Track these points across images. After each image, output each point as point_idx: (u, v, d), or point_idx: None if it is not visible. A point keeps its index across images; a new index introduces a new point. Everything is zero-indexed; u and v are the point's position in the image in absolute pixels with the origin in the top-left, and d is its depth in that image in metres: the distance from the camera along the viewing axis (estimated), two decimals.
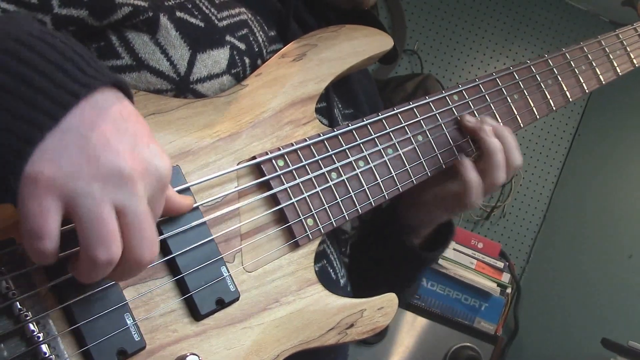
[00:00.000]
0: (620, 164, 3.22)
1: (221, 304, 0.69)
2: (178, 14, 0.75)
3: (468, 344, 2.58)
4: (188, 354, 0.65)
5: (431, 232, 1.01)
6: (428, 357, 2.56)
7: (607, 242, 3.12)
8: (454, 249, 2.72)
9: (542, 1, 3.36)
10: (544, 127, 3.35)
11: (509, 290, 2.80)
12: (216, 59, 0.78)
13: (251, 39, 0.83)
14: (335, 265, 0.90)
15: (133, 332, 0.62)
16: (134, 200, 0.54)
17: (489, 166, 0.90)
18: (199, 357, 0.65)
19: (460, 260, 2.71)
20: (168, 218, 0.67)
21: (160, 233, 0.67)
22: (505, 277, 2.76)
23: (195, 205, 0.70)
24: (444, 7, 3.26)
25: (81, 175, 0.51)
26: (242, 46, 0.81)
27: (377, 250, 1.01)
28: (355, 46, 0.91)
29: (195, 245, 0.69)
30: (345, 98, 1.00)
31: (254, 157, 0.76)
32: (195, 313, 0.68)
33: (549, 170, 3.35)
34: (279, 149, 0.78)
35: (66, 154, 0.51)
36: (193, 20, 0.77)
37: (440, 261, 2.66)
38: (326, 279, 0.82)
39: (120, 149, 0.54)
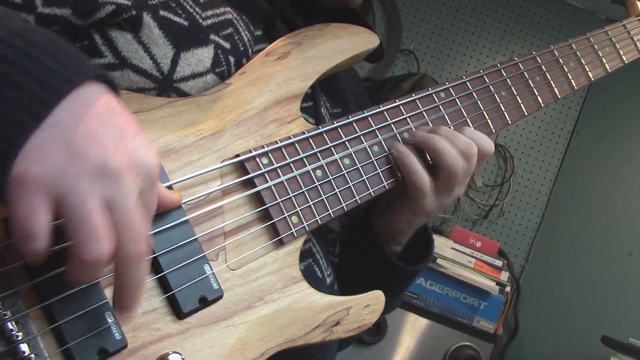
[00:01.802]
0: (619, 162, 3.22)
1: (204, 302, 0.69)
2: (162, 12, 0.75)
3: (467, 343, 2.58)
4: (170, 353, 0.65)
5: (409, 244, 0.98)
6: (427, 357, 2.55)
7: (606, 240, 3.11)
8: (453, 248, 2.72)
9: None
10: (541, 126, 3.35)
11: (508, 289, 2.79)
12: (200, 57, 0.78)
13: (236, 38, 0.83)
14: (321, 264, 0.89)
15: (114, 331, 0.62)
16: (121, 195, 0.53)
17: (437, 153, 0.87)
18: (181, 355, 0.65)
19: (458, 259, 2.71)
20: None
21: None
22: (504, 276, 2.76)
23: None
24: (440, 6, 3.26)
25: (68, 173, 0.51)
26: (226, 45, 0.81)
27: (357, 262, 0.98)
28: (341, 44, 0.91)
29: (178, 243, 0.69)
30: (333, 97, 1.00)
31: (237, 155, 0.76)
32: (177, 311, 0.67)
33: (547, 168, 3.35)
34: (263, 147, 0.78)
35: (52, 151, 0.51)
36: (177, 19, 0.77)
37: (439, 260, 2.66)
38: (312, 278, 0.82)
39: (106, 143, 0.53)
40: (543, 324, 3.14)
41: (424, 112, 0.92)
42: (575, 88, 1.10)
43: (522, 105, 1.02)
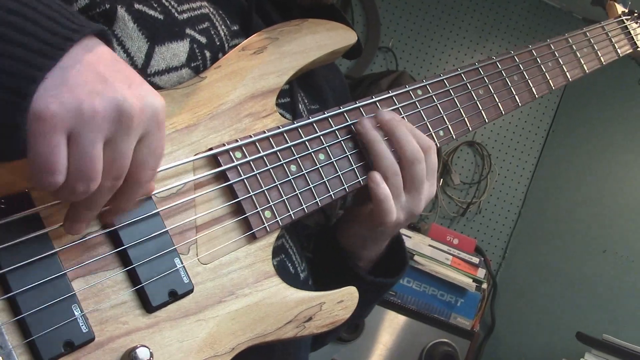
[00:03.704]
0: (594, 160, 3.26)
1: (174, 296, 0.69)
2: (136, 6, 0.74)
3: (444, 340, 2.59)
4: (138, 346, 0.64)
5: (384, 256, 0.97)
6: (405, 354, 2.56)
7: (581, 237, 3.15)
8: (430, 245, 2.73)
9: None
10: (518, 124, 3.37)
11: (484, 286, 2.81)
12: (175, 51, 0.77)
13: (212, 32, 0.82)
14: (294, 259, 0.89)
15: (81, 324, 0.62)
16: (123, 138, 0.56)
17: (373, 157, 0.85)
18: (149, 349, 0.65)
19: (436, 256, 2.72)
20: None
21: (112, 224, 0.66)
22: (481, 273, 2.77)
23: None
24: (419, 4, 3.27)
25: (85, 111, 0.53)
26: (202, 39, 0.80)
27: (329, 274, 0.96)
28: (318, 40, 0.90)
29: (148, 236, 0.68)
30: (311, 94, 0.99)
31: (210, 149, 0.76)
32: (146, 305, 0.67)
33: (524, 166, 3.38)
34: (237, 141, 0.77)
35: (67, 90, 0.53)
36: (152, 12, 0.76)
37: (416, 257, 2.67)
38: (285, 274, 0.81)
39: (118, 86, 0.56)
40: (519, 320, 3.17)
41: (400, 109, 0.92)
42: (553, 88, 1.11)
43: (499, 104, 1.02)
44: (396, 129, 0.86)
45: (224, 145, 0.76)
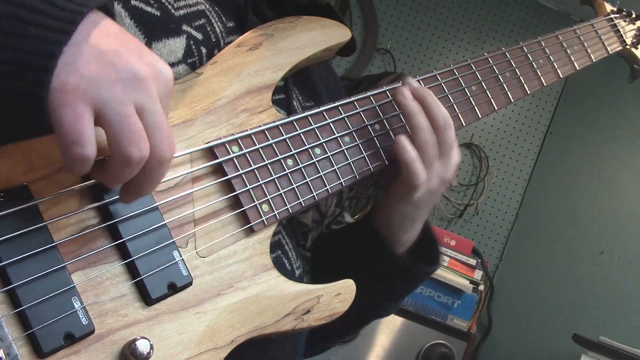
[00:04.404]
0: (592, 162, 3.27)
1: (173, 289, 0.69)
2: (133, 2, 0.75)
3: (441, 342, 2.60)
4: (138, 338, 0.64)
5: (414, 247, 0.97)
6: (401, 355, 2.57)
7: (578, 239, 3.16)
8: None
9: (513, 0, 3.40)
10: (516, 126, 3.39)
11: (481, 288, 2.82)
12: (172, 48, 0.78)
13: (208, 29, 0.83)
14: (290, 256, 0.90)
15: (81, 316, 0.62)
16: (151, 100, 0.58)
17: (412, 128, 0.89)
18: (149, 341, 0.65)
19: None
20: (119, 203, 0.67)
21: (111, 217, 0.67)
22: (478, 275, 2.78)
23: None
24: (417, 6, 3.29)
25: (103, 81, 0.55)
26: (199, 36, 0.81)
27: (361, 269, 0.95)
28: (312, 37, 0.91)
29: (147, 229, 0.69)
30: (306, 91, 1.00)
31: (208, 143, 0.76)
32: (146, 297, 0.67)
33: (522, 168, 3.39)
34: (233, 135, 0.78)
35: (85, 63, 0.55)
36: (148, 8, 0.76)
37: None
38: (281, 269, 0.82)
39: (130, 56, 0.58)
40: (516, 322, 3.18)
41: (392, 104, 0.93)
42: (545, 84, 1.12)
43: (492, 99, 1.03)
44: (427, 95, 0.90)
45: (221, 139, 0.77)
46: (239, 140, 0.78)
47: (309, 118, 0.85)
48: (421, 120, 0.88)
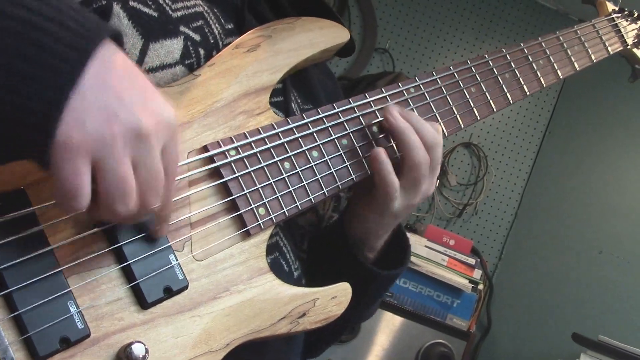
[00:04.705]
0: (590, 162, 3.27)
1: (169, 293, 0.69)
2: (131, 3, 0.75)
3: (441, 341, 2.60)
4: (134, 342, 0.64)
5: (384, 248, 0.97)
6: (401, 354, 2.57)
7: (577, 238, 3.16)
8: (426, 246, 2.74)
9: (512, 0, 3.40)
10: (515, 126, 3.38)
11: (481, 287, 2.82)
12: (169, 49, 0.78)
13: (206, 30, 0.83)
14: (288, 257, 0.89)
15: (76, 320, 0.62)
16: (149, 156, 0.59)
17: (407, 146, 0.86)
18: (145, 345, 0.65)
19: (432, 257, 2.73)
20: None
21: (107, 221, 0.67)
22: (477, 274, 2.78)
23: None
24: (415, 5, 3.28)
25: (106, 138, 0.55)
26: (196, 37, 0.81)
27: (331, 270, 0.95)
28: (311, 38, 0.91)
29: (143, 233, 0.68)
30: (304, 93, 1.00)
31: (205, 146, 0.76)
32: (142, 301, 0.67)
33: (521, 167, 3.39)
34: (231, 138, 0.78)
35: (89, 115, 0.54)
36: (146, 9, 0.76)
37: (413, 258, 2.67)
38: (279, 271, 0.82)
39: (134, 104, 0.57)
40: (515, 321, 3.18)
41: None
42: (544, 86, 1.11)
43: (491, 101, 1.03)
44: (412, 116, 0.88)
45: (218, 142, 0.77)
46: (236, 143, 0.78)
47: (307, 121, 0.85)
48: (414, 138, 0.86)
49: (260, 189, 0.79)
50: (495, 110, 1.04)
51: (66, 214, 0.58)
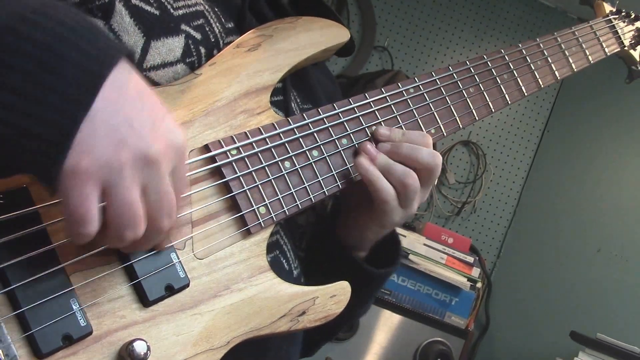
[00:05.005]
0: (589, 160, 3.28)
1: (170, 291, 0.70)
2: (133, 1, 0.76)
3: (439, 339, 2.61)
4: (136, 340, 0.65)
5: (375, 248, 0.97)
6: (399, 352, 2.58)
7: (576, 237, 3.17)
8: (425, 244, 2.74)
9: None
10: (513, 124, 3.39)
11: (479, 285, 2.83)
12: (171, 47, 0.78)
13: (207, 29, 0.83)
14: (288, 256, 0.90)
15: (79, 318, 0.63)
16: (157, 181, 0.59)
17: (373, 193, 0.85)
18: (146, 342, 0.65)
19: (430, 255, 2.73)
20: None
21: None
22: (476, 272, 2.79)
23: None
24: (414, 4, 3.29)
25: (114, 163, 0.55)
26: (197, 36, 0.82)
27: (324, 267, 0.95)
28: (311, 38, 0.91)
29: None
30: (304, 93, 1.01)
31: (206, 145, 0.77)
32: (143, 299, 0.68)
33: (519, 166, 3.40)
34: (232, 138, 0.78)
35: (98, 143, 0.54)
36: (148, 7, 0.77)
37: (411, 256, 2.68)
38: (279, 270, 0.82)
39: (143, 129, 0.57)
40: (513, 319, 3.19)
41: (392, 107, 0.93)
42: (542, 86, 1.12)
43: (489, 102, 1.04)
44: (383, 156, 0.86)
45: (219, 141, 0.77)
46: (238, 143, 0.79)
47: (308, 121, 0.85)
48: (381, 185, 0.85)
49: (260, 187, 0.79)
50: (493, 110, 1.05)
51: (76, 241, 0.58)
